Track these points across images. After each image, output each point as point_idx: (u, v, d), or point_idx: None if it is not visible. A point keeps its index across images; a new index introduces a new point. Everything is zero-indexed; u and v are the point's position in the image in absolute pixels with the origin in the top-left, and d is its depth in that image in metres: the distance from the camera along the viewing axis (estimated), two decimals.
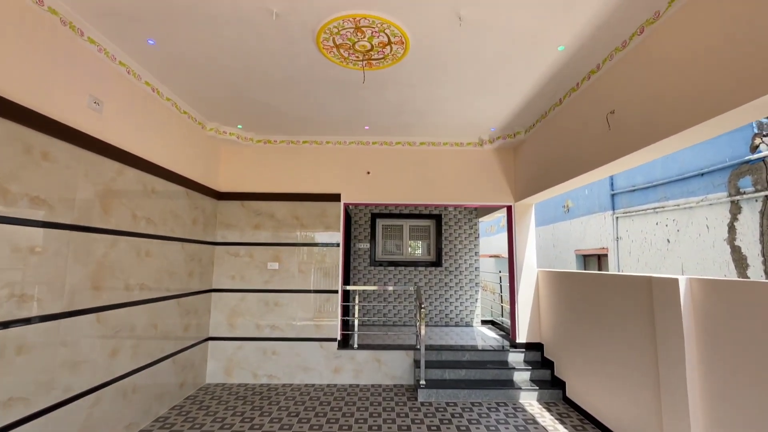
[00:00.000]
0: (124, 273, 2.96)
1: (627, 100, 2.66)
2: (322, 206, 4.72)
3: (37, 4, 2.20)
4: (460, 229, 6.85)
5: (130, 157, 3.02)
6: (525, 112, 3.95)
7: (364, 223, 6.82)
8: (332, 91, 3.49)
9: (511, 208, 4.82)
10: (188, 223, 3.96)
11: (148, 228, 3.27)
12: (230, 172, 4.76)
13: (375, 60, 2.91)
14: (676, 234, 3.94)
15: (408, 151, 4.85)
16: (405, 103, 3.72)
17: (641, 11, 2.34)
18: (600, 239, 5.56)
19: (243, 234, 4.65)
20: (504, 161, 4.86)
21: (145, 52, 2.88)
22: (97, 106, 2.69)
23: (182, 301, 3.84)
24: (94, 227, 2.66)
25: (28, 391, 2.16)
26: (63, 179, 2.39)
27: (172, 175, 3.63)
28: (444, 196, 4.81)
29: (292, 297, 4.59)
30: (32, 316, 2.18)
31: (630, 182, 5.10)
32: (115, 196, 2.86)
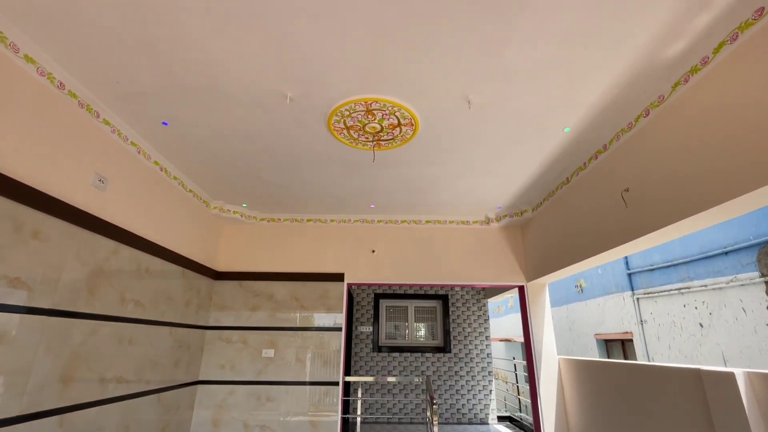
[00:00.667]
0: (100, 364, 2.62)
1: (640, 178, 2.62)
2: (325, 286, 4.48)
3: (58, 88, 2.26)
4: (468, 310, 6.48)
5: (128, 235, 2.89)
6: (532, 191, 3.94)
7: (366, 304, 6.48)
8: (340, 171, 3.50)
9: (524, 288, 4.58)
10: (181, 306, 3.68)
11: (135, 312, 3.00)
12: (230, 251, 4.60)
13: (384, 141, 2.94)
14: (708, 317, 3.65)
15: (413, 229, 4.77)
16: (412, 182, 3.72)
17: (645, 95, 2.41)
18: (622, 322, 5.19)
19: (238, 317, 4.33)
20: (512, 240, 4.74)
21: (158, 133, 2.92)
22: (102, 184, 2.63)
23: (164, 396, 3.40)
24: (76, 312, 2.41)
25: None
26: (51, 259, 2.22)
27: (170, 254, 3.47)
28: (451, 276, 4.60)
29: (287, 390, 4.10)
30: None
31: (647, 261, 4.93)
32: (104, 277, 2.66)
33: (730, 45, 1.92)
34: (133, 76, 2.29)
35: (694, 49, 2.01)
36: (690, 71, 2.16)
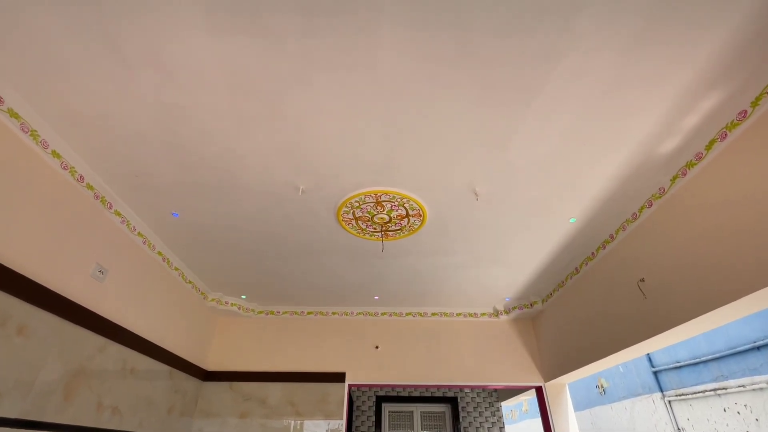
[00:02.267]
0: None
1: (653, 267, 2.57)
2: (324, 388, 4.06)
3: (78, 181, 2.32)
4: (480, 416, 5.83)
5: (119, 331, 2.70)
6: (541, 281, 3.84)
7: (367, 409, 5.83)
8: (346, 261, 3.45)
9: (542, 389, 4.17)
10: (162, 413, 3.28)
11: (111, 421, 2.64)
12: (223, 347, 4.28)
13: (392, 231, 2.95)
14: (756, 424, 3.24)
15: (419, 322, 4.53)
16: (417, 271, 3.65)
17: (646, 188, 2.50)
18: (656, 430, 4.61)
19: (225, 425, 3.83)
20: (524, 334, 4.47)
21: (167, 224, 2.93)
22: (101, 275, 2.54)
23: None
24: (45, 422, 2.11)
25: None
26: (30, 357, 2.02)
27: (159, 352, 3.20)
28: (461, 376, 4.22)
29: None
30: None
31: (672, 357, 4.58)
32: (84, 378, 2.40)
33: (721, 143, 2.05)
34: (153, 170, 2.37)
35: (687, 145, 2.14)
36: (686, 165, 2.27)
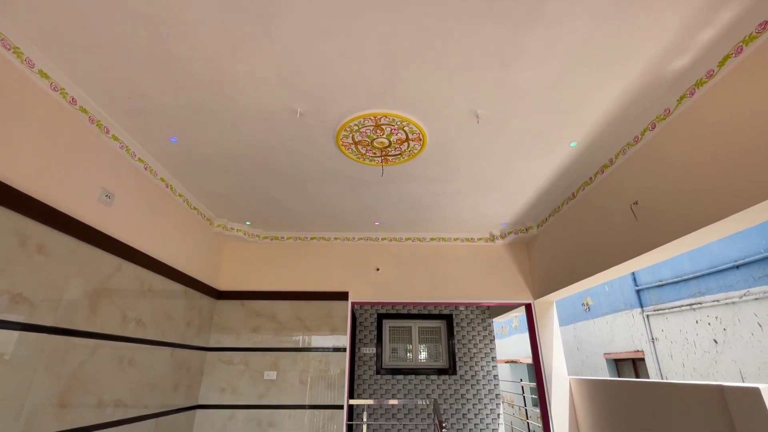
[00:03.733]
0: (98, 387, 2.52)
1: (648, 191, 2.62)
2: (329, 306, 4.39)
3: (70, 103, 2.27)
4: (473, 330, 6.36)
5: (132, 252, 2.85)
6: (537, 207, 3.94)
7: (369, 325, 6.35)
8: (347, 187, 3.50)
9: (531, 306, 4.50)
10: (182, 326, 3.59)
11: (137, 331, 2.92)
12: (232, 270, 4.54)
13: (392, 156, 2.96)
14: (723, 333, 3.57)
15: (418, 247, 4.73)
16: (417, 198, 3.72)
17: (651, 109, 2.44)
18: (632, 341, 5.08)
19: (239, 338, 4.22)
20: (518, 257, 4.70)
21: (166, 149, 2.93)
22: (108, 200, 2.61)
23: (162, 421, 3.26)
24: (77, 330, 2.34)
25: None
26: (54, 275, 2.17)
27: (173, 272, 3.41)
28: (457, 294, 4.53)
29: (290, 414, 3.94)
30: None
31: (656, 277, 4.86)
32: (107, 294, 2.60)
33: (735, 58, 1.96)
34: (146, 92, 2.30)
35: (699, 62, 2.05)
36: (695, 84, 2.19)
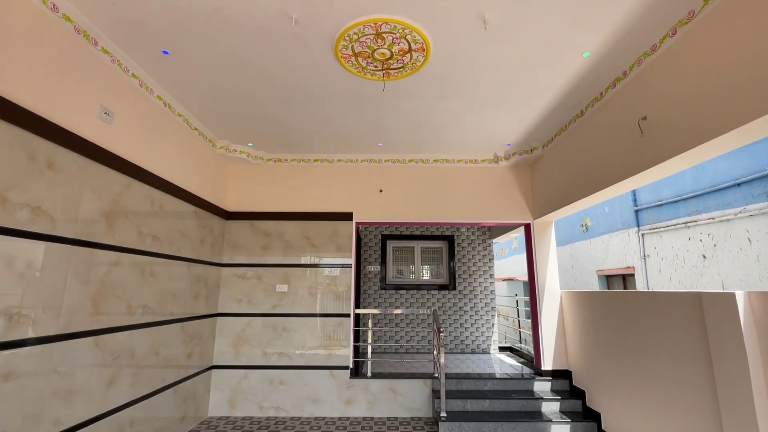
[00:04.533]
0: (126, 293, 2.77)
1: (658, 105, 2.54)
2: (334, 226, 4.56)
3: (52, 10, 2.14)
4: (473, 250, 6.63)
5: (139, 171, 2.90)
6: (543, 126, 3.84)
7: (374, 245, 6.63)
8: (348, 104, 3.40)
9: (530, 226, 4.63)
10: (195, 243, 3.79)
11: (153, 246, 3.10)
12: (239, 192, 4.64)
13: (394, 69, 2.83)
14: (713, 249, 3.71)
15: (421, 168, 4.74)
16: (420, 116, 3.63)
17: (674, 12, 2.25)
18: (625, 258, 5.31)
19: (251, 255, 4.47)
20: (521, 178, 4.72)
21: (159, 64, 2.82)
22: (107, 117, 2.59)
23: (186, 325, 3.62)
24: (97, 243, 2.49)
25: (13, 425, 1.92)
26: (67, 191, 2.26)
27: (182, 193, 3.50)
28: (458, 215, 4.64)
29: (302, 322, 4.34)
30: (25, 338, 1.98)
31: (656, 196, 4.91)
32: (121, 211, 2.72)
33: None
34: None
35: None
36: None
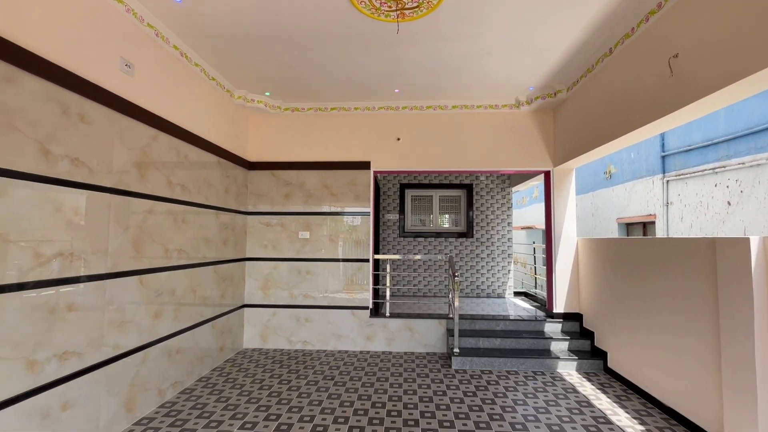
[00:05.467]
0: (162, 238, 3.01)
1: (693, 41, 2.37)
2: (352, 174, 4.64)
3: None
4: (492, 198, 6.63)
5: (164, 123, 3.02)
6: (568, 67, 3.65)
7: (393, 194, 6.72)
8: (362, 48, 3.32)
9: (550, 173, 4.57)
10: (221, 192, 3.98)
11: (183, 195, 3.30)
12: (259, 142, 4.73)
13: (408, 10, 2.71)
14: (738, 195, 3.58)
15: (439, 115, 4.65)
16: (437, 60, 3.51)
17: None
18: (647, 206, 5.19)
19: (274, 204, 4.66)
20: (542, 124, 4.57)
21: (172, 12, 2.80)
22: (129, 69, 2.66)
23: (218, 268, 3.92)
24: (132, 191, 2.68)
25: (80, 346, 2.25)
26: (100, 142, 2.40)
27: (205, 143, 3.63)
28: (476, 163, 4.61)
29: (324, 266, 4.60)
30: (79, 275, 2.25)
31: (685, 141, 4.67)
32: (150, 162, 2.87)
33: None
34: None
35: None
36: None
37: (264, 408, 2.94)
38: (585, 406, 3.03)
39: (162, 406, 2.96)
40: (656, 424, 2.74)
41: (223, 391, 3.25)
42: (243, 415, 2.82)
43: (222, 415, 2.83)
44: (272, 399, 3.11)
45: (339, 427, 2.65)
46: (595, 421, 2.78)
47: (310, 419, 2.77)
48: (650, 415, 2.88)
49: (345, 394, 3.22)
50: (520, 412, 2.92)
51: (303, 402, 3.05)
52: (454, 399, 3.13)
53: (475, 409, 2.95)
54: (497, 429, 2.65)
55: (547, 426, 2.70)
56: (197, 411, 2.88)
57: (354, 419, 2.77)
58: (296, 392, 3.24)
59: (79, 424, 2.24)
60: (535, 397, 3.17)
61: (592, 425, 2.72)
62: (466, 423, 2.73)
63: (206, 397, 3.14)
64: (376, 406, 2.98)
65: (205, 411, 2.88)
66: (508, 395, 3.22)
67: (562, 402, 3.09)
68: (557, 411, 2.93)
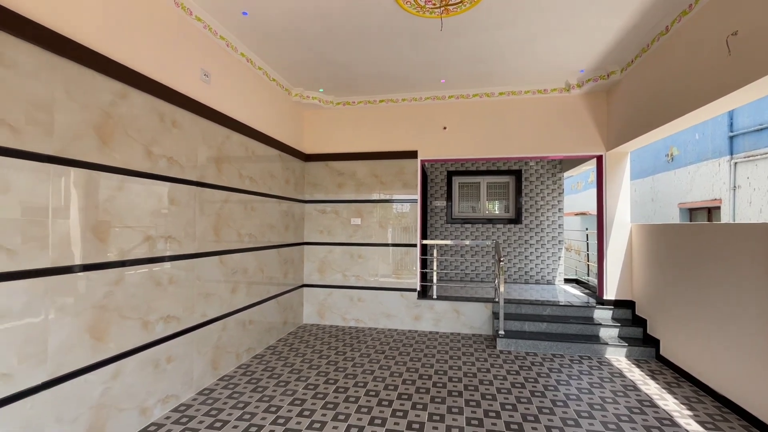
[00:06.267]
0: (235, 224, 3.47)
1: (755, 15, 2.26)
2: (400, 164, 4.86)
3: None
4: (542, 185, 6.52)
5: (235, 123, 3.44)
6: (622, 47, 3.53)
7: (440, 182, 6.85)
8: (408, 44, 3.49)
9: (602, 158, 4.45)
10: (282, 183, 4.41)
11: (251, 186, 3.73)
12: (314, 135, 5.10)
13: (452, 5, 2.83)
14: None
15: (486, 103, 4.69)
16: (483, 49, 3.58)
17: None
18: (712, 190, 4.83)
19: (328, 192, 5.03)
20: (594, 107, 4.44)
21: (240, 24, 3.17)
22: (207, 78, 3.08)
23: (281, 251, 4.38)
24: (212, 183, 3.13)
25: (178, 312, 2.74)
26: (187, 143, 2.85)
27: (268, 139, 4.04)
28: (525, 149, 4.61)
29: (374, 250, 4.91)
30: (177, 254, 2.72)
31: (756, 120, 4.27)
32: (224, 157, 3.31)
33: None
34: None
35: None
36: None
37: (323, 373, 3.33)
38: (631, 389, 3.06)
39: (239, 367, 3.46)
40: (706, 410, 2.72)
41: (288, 358, 3.70)
42: (306, 378, 3.23)
43: (288, 376, 3.26)
44: (330, 366, 3.49)
45: (389, 393, 2.95)
46: (640, 403, 2.82)
47: (364, 384, 3.10)
48: (701, 402, 2.85)
49: (394, 366, 3.52)
50: (563, 391, 3.03)
51: (357, 370, 3.40)
52: (497, 376, 3.31)
53: (517, 386, 3.11)
54: (538, 404, 2.80)
55: (589, 404, 2.80)
56: (268, 372, 3.34)
57: (403, 387, 3.07)
58: (351, 362, 3.60)
59: (179, 375, 2.75)
60: (579, 379, 3.25)
61: (635, 407, 2.77)
62: (507, 397, 2.91)
63: (274, 362, 3.60)
64: (423, 378, 3.25)
65: (274, 373, 3.33)
66: (551, 375, 3.32)
67: (607, 384, 3.14)
68: (601, 392, 3.00)
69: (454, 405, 2.78)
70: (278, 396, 2.90)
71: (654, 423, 2.56)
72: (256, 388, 3.03)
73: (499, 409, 2.73)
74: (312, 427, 2.46)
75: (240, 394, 2.93)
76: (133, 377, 2.37)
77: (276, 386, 3.07)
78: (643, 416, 2.64)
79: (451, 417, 2.60)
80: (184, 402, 2.79)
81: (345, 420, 2.55)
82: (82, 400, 2.05)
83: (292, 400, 2.84)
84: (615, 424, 2.54)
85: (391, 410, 2.69)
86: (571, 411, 2.70)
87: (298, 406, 2.75)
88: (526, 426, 2.50)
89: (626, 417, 2.63)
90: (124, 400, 2.31)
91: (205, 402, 2.80)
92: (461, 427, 2.48)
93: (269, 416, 2.59)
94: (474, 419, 2.58)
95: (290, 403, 2.79)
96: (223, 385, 3.08)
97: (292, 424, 2.50)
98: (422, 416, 2.61)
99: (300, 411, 2.67)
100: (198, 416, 2.60)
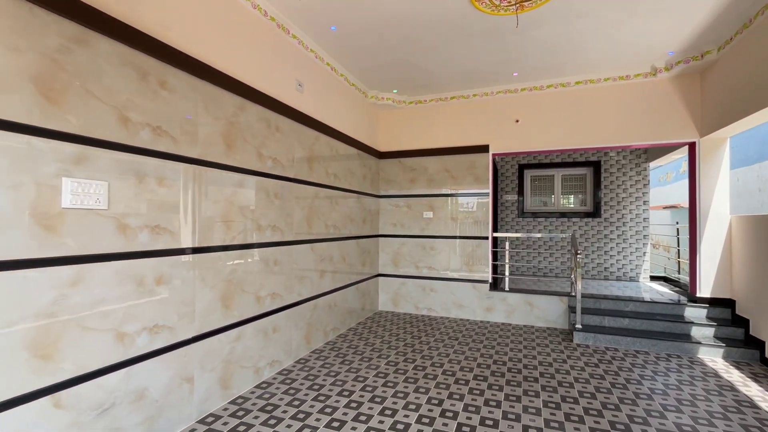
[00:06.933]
0: (323, 216, 3.89)
1: None
2: (471, 158, 4.97)
3: (264, 16, 3.01)
4: (624, 176, 6.14)
5: (322, 126, 3.85)
6: (718, 24, 3.29)
7: (511, 175, 6.78)
8: (481, 43, 3.61)
9: (695, 145, 4.13)
10: (360, 179, 4.78)
11: (335, 182, 4.14)
12: (388, 134, 5.41)
13: (527, 1, 2.91)
14: None
15: (560, 93, 4.60)
16: (560, 39, 3.56)
17: None
18: None
19: (401, 188, 5.31)
20: (685, 90, 4.13)
21: (328, 38, 3.55)
22: (300, 88, 3.51)
23: (359, 242, 4.75)
24: (305, 180, 3.57)
25: (281, 290, 3.20)
26: (286, 145, 3.29)
27: (348, 139, 4.42)
28: (604, 138, 4.44)
29: (446, 242, 5.08)
30: (280, 240, 3.18)
31: None
32: (314, 156, 3.73)
33: None
34: None
35: None
36: None
37: (402, 353, 3.61)
38: (728, 390, 2.88)
39: (326, 343, 3.89)
40: None
41: (369, 339, 4.05)
42: (387, 356, 3.53)
43: (371, 353, 3.59)
44: (407, 348, 3.77)
45: (465, 374, 3.14)
46: (738, 403, 2.67)
47: (440, 365, 3.32)
48: None
49: (468, 351, 3.68)
50: (647, 385, 2.95)
51: (433, 353, 3.63)
52: (574, 366, 3.31)
53: (596, 377, 3.10)
54: (619, 395, 2.79)
55: (677, 400, 2.71)
56: (352, 349, 3.71)
57: (478, 370, 3.23)
58: (426, 346, 3.84)
59: (280, 344, 3.22)
60: (666, 376, 3.13)
61: (732, 406, 2.63)
62: (585, 386, 2.92)
63: (356, 341, 3.97)
64: (498, 363, 3.37)
65: (357, 350, 3.70)
66: (634, 371, 3.24)
67: (699, 383, 2.99)
68: (691, 389, 2.87)
69: (530, 389, 2.87)
70: (363, 369, 3.24)
71: (753, 422, 2.42)
72: (344, 361, 3.40)
73: (576, 395, 2.77)
74: (396, 396, 2.74)
75: (330, 365, 3.32)
76: (250, 341, 2.85)
77: (361, 361, 3.42)
78: (741, 415, 2.51)
79: (528, 399, 2.72)
80: (285, 367, 3.25)
81: (425, 393, 2.80)
82: (217, 354, 2.55)
83: (376, 372, 3.16)
84: (707, 420, 2.45)
85: (468, 388, 2.88)
86: (656, 404, 2.65)
87: (382, 378, 3.06)
88: (606, 413, 2.52)
89: (720, 414, 2.52)
90: (244, 359, 2.80)
91: (302, 369, 3.23)
92: (538, 408, 2.58)
93: (358, 384, 2.93)
94: (551, 402, 2.66)
95: (375, 375, 3.11)
96: (315, 357, 3.51)
97: (378, 392, 2.81)
98: (498, 396, 2.76)
99: (384, 382, 2.98)
100: (299, 379, 3.03)
